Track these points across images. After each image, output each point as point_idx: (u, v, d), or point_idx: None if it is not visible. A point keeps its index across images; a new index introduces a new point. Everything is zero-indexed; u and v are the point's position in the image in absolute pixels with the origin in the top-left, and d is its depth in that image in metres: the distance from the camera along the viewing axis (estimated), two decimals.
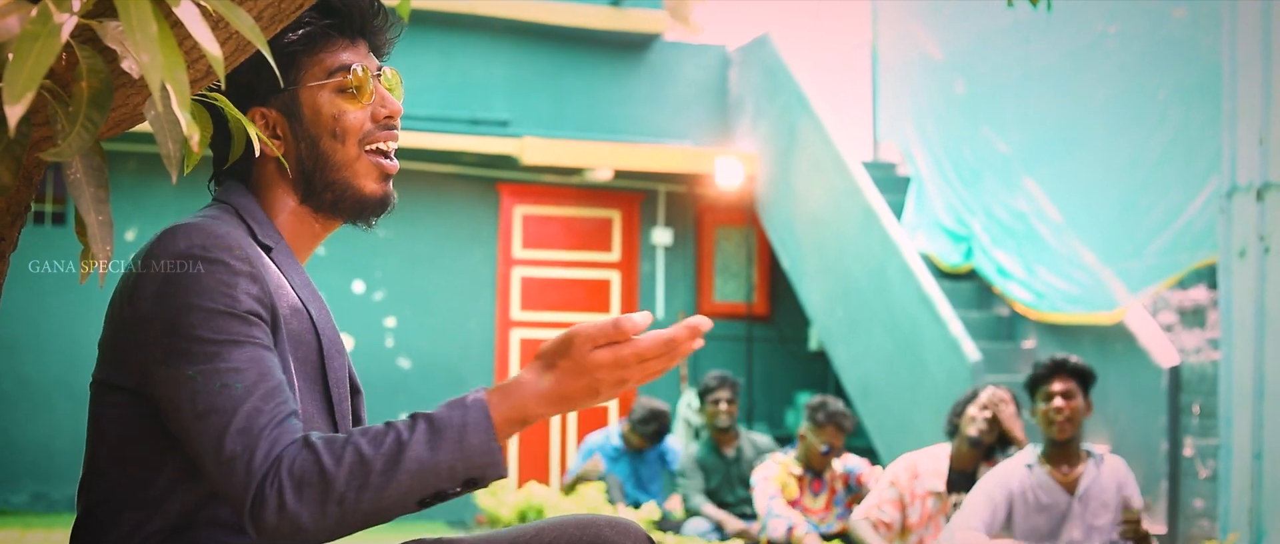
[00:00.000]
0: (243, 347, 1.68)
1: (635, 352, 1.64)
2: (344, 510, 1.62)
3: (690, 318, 1.66)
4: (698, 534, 7.48)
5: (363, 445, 1.63)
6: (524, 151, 9.92)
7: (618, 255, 10.76)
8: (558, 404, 1.67)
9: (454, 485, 1.65)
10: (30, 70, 1.21)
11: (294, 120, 1.90)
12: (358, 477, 1.61)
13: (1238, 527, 6.25)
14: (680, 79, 11.07)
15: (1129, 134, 8.08)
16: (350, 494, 1.61)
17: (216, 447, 1.64)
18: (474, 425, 1.64)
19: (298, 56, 1.89)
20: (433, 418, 1.65)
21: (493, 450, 1.65)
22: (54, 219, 9.60)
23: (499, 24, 10.43)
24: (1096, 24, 8.41)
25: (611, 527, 1.84)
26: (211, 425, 1.65)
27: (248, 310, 1.71)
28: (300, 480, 1.61)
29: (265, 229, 1.87)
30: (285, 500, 1.61)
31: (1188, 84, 7.64)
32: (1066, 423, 4.99)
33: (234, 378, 1.66)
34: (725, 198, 10.70)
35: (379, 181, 1.94)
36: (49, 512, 9.25)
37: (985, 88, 9.52)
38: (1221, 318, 6.59)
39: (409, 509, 1.66)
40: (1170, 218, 7.65)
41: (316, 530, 1.63)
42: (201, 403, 1.65)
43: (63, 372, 9.23)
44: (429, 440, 1.63)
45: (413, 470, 1.62)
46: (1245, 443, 6.27)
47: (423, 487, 1.63)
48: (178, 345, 1.68)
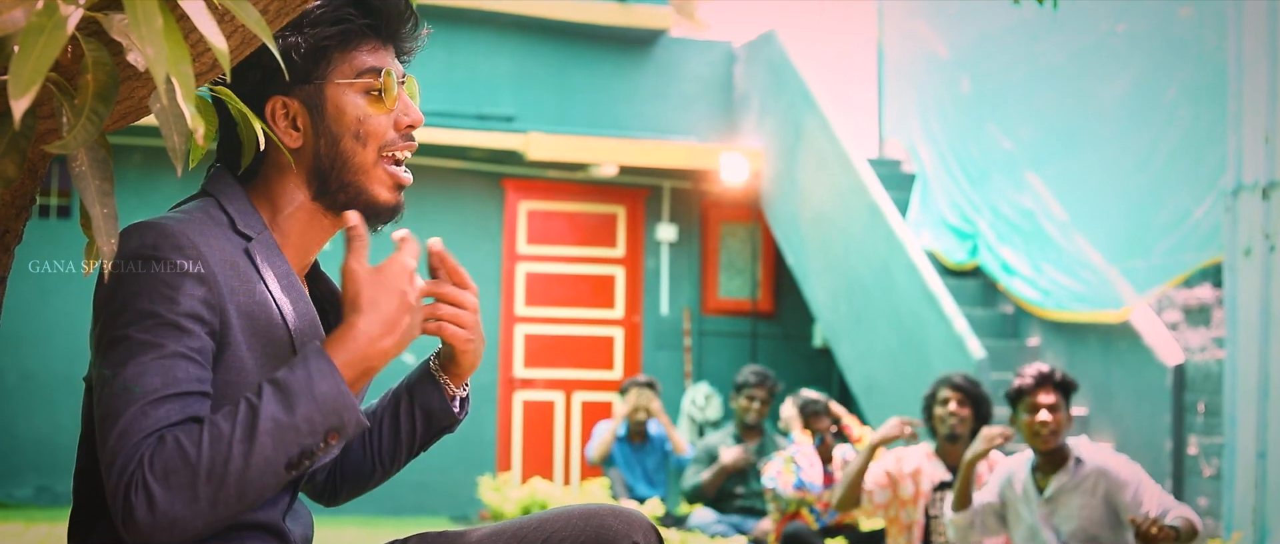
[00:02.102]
0: (159, 350, 1.66)
1: (410, 253, 1.80)
2: (215, 489, 1.60)
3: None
4: (701, 528, 7.49)
5: (219, 422, 1.62)
6: (529, 147, 9.92)
7: (622, 251, 10.76)
8: (388, 332, 1.74)
9: (317, 440, 1.64)
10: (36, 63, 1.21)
11: (316, 114, 1.87)
12: (218, 451, 1.60)
13: (1242, 525, 6.25)
14: (686, 75, 11.06)
15: (1136, 133, 8.07)
16: (216, 469, 1.59)
17: (102, 454, 1.64)
18: (318, 373, 1.65)
19: (329, 51, 1.86)
20: (278, 378, 1.65)
21: (344, 394, 1.66)
22: (59, 212, 9.61)
23: (505, 19, 10.43)
24: (1104, 23, 8.40)
25: (615, 515, 1.85)
26: (106, 428, 1.64)
27: (186, 312, 1.69)
28: (164, 472, 1.59)
29: (247, 219, 1.84)
30: (154, 497, 1.59)
31: (1195, 83, 7.63)
32: (1052, 435, 5.04)
33: (136, 382, 1.64)
34: (730, 194, 10.70)
35: (392, 191, 1.93)
36: (52, 505, 9.27)
37: (992, 86, 9.50)
38: (1226, 316, 6.58)
39: (280, 475, 1.63)
40: (1177, 217, 7.64)
41: (194, 517, 1.60)
42: (105, 404, 1.65)
43: (66, 366, 9.24)
44: (279, 399, 1.63)
45: (270, 431, 1.61)
46: (1250, 442, 6.26)
47: (286, 447, 1.62)
48: (105, 343, 1.68)
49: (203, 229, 1.76)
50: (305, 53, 1.85)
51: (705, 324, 10.92)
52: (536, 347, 10.51)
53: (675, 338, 10.81)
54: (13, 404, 9.46)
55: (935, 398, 5.87)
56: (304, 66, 1.84)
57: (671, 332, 10.81)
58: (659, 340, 10.77)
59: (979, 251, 9.27)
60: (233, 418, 1.62)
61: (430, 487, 9.76)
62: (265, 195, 1.89)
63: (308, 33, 1.84)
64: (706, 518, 7.55)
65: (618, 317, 10.73)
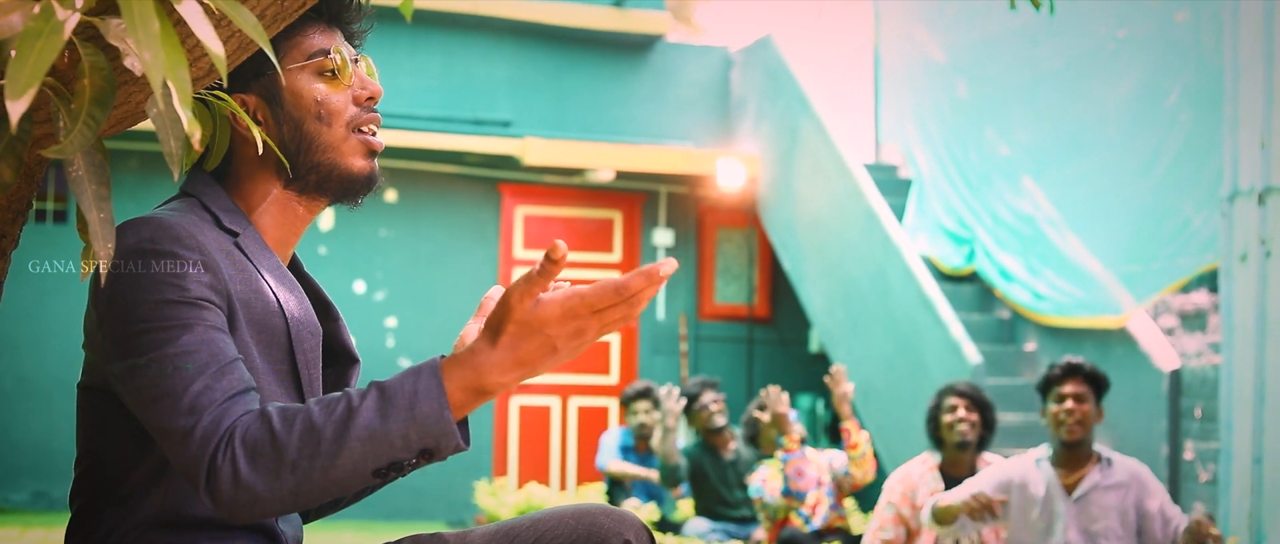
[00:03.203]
0: (193, 330, 1.68)
1: (583, 301, 1.56)
2: (298, 479, 1.59)
3: (649, 265, 1.57)
4: (698, 535, 7.48)
5: (315, 413, 1.60)
6: (526, 152, 9.93)
7: (619, 256, 10.76)
8: (516, 369, 1.61)
9: (408, 456, 1.60)
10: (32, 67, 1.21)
11: (274, 104, 1.90)
12: (309, 445, 1.59)
13: (1237, 531, 6.25)
14: (682, 80, 11.07)
15: (1134, 139, 8.08)
16: (303, 462, 1.59)
17: (170, 426, 1.63)
18: (425, 393, 1.60)
19: (276, 41, 1.88)
20: (385, 386, 1.61)
21: (445, 420, 1.60)
22: (55, 217, 9.61)
23: (501, 24, 10.43)
24: (1102, 28, 8.40)
25: (608, 515, 1.85)
26: (165, 408, 1.64)
27: (198, 297, 1.70)
28: (253, 450, 1.59)
29: (231, 216, 1.86)
30: (239, 470, 1.59)
31: (1193, 89, 7.63)
32: (1076, 425, 4.97)
33: (185, 360, 1.65)
34: (726, 199, 10.70)
35: (365, 157, 1.93)
36: (49, 510, 9.26)
37: (989, 90, 9.51)
38: (1222, 322, 6.58)
39: (367, 479, 1.62)
40: (1176, 222, 7.65)
41: (273, 499, 1.60)
42: (155, 387, 1.65)
43: (63, 370, 9.23)
44: (379, 408, 1.59)
45: (363, 438, 1.58)
46: (1246, 447, 6.26)
47: (375, 456, 1.59)
48: (130, 337, 1.68)
49: (196, 224, 1.78)
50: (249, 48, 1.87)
51: (702, 329, 10.92)
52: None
53: (671, 343, 10.81)
54: (9, 409, 9.45)
55: (941, 407, 5.80)
56: (254, 61, 1.85)
57: (668, 337, 10.81)
58: (655, 345, 10.77)
59: (975, 257, 9.27)
60: (329, 413, 1.60)
61: (426, 491, 9.76)
62: (239, 192, 1.92)
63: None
64: (702, 526, 7.54)
65: None
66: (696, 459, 7.70)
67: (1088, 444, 5.03)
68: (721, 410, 7.68)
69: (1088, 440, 5.03)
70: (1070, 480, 5.03)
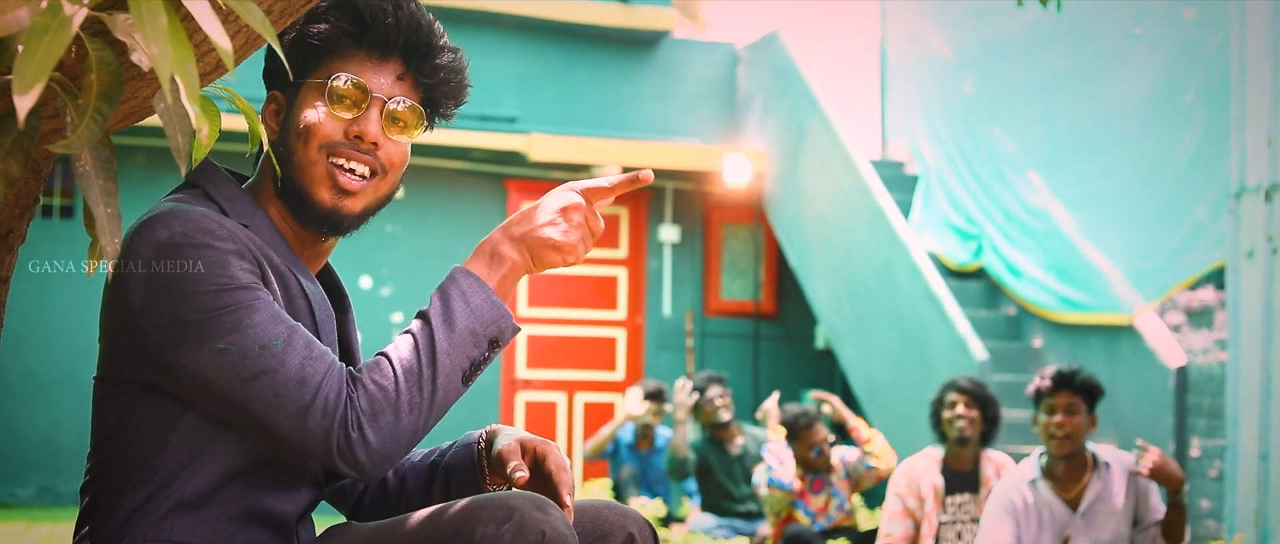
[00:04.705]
0: (259, 309, 1.71)
1: (571, 186, 1.84)
2: (418, 417, 1.72)
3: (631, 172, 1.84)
4: (703, 531, 7.48)
5: (402, 355, 1.73)
6: (532, 148, 9.93)
7: (625, 252, 10.76)
8: (525, 242, 1.81)
9: (482, 352, 1.77)
10: (40, 62, 1.21)
11: (286, 111, 1.91)
12: (413, 382, 1.72)
13: (1244, 527, 6.24)
14: (689, 76, 11.06)
15: (1144, 136, 8.07)
16: (417, 401, 1.72)
17: (279, 404, 1.68)
18: (469, 288, 1.78)
19: (315, 51, 1.88)
20: (428, 308, 1.78)
21: (496, 304, 1.78)
22: (62, 212, 9.62)
23: (508, 20, 10.43)
24: (1113, 26, 8.39)
25: (611, 509, 1.89)
26: (265, 386, 1.68)
27: (247, 282, 1.73)
28: (373, 412, 1.70)
29: (238, 204, 1.85)
30: (367, 435, 1.69)
31: (1203, 86, 7.62)
32: (1066, 439, 4.91)
33: (267, 336, 1.69)
34: (733, 195, 10.70)
35: (330, 190, 1.87)
36: (55, 505, 9.27)
37: (996, 87, 9.50)
38: (1229, 319, 6.57)
39: (460, 391, 1.76)
40: (1184, 220, 7.63)
41: (402, 446, 1.73)
42: (246, 368, 1.68)
43: (69, 365, 9.24)
44: (444, 320, 1.75)
45: (447, 351, 1.73)
46: (1252, 444, 6.25)
47: (460, 363, 1.75)
48: (193, 329, 1.69)
49: (215, 214, 1.79)
50: (289, 50, 1.88)
51: (708, 325, 10.92)
52: (539, 348, 10.51)
53: (677, 339, 10.81)
54: (15, 404, 9.46)
55: (943, 403, 5.83)
56: (292, 64, 1.87)
57: (674, 333, 10.81)
58: (661, 342, 10.77)
59: (983, 253, 9.26)
60: (412, 349, 1.74)
61: None
62: (252, 188, 1.94)
63: (298, 30, 1.88)
64: (707, 522, 7.54)
65: (620, 318, 10.73)
66: (703, 454, 7.72)
67: (1081, 454, 4.98)
68: (727, 405, 7.70)
69: (1080, 450, 4.98)
70: (1072, 494, 4.96)
